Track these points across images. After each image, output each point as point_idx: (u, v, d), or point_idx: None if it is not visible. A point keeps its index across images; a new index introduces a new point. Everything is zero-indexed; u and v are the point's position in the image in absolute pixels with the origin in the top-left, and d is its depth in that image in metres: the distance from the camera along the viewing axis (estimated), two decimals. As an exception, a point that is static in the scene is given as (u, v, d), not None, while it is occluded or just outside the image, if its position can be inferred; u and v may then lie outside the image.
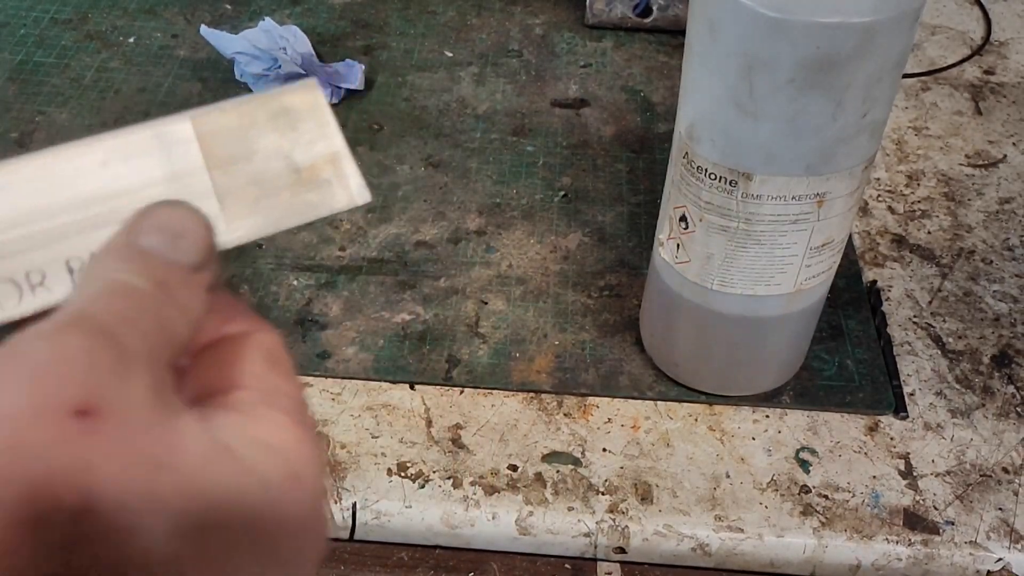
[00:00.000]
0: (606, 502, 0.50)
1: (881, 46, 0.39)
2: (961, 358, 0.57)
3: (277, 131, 0.24)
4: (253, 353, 0.22)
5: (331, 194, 0.24)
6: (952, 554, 0.48)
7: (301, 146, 0.24)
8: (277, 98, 0.24)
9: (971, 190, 0.69)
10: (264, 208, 0.23)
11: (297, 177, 0.24)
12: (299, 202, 0.24)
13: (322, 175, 0.24)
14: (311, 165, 0.24)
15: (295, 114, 0.24)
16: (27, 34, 0.79)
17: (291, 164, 0.24)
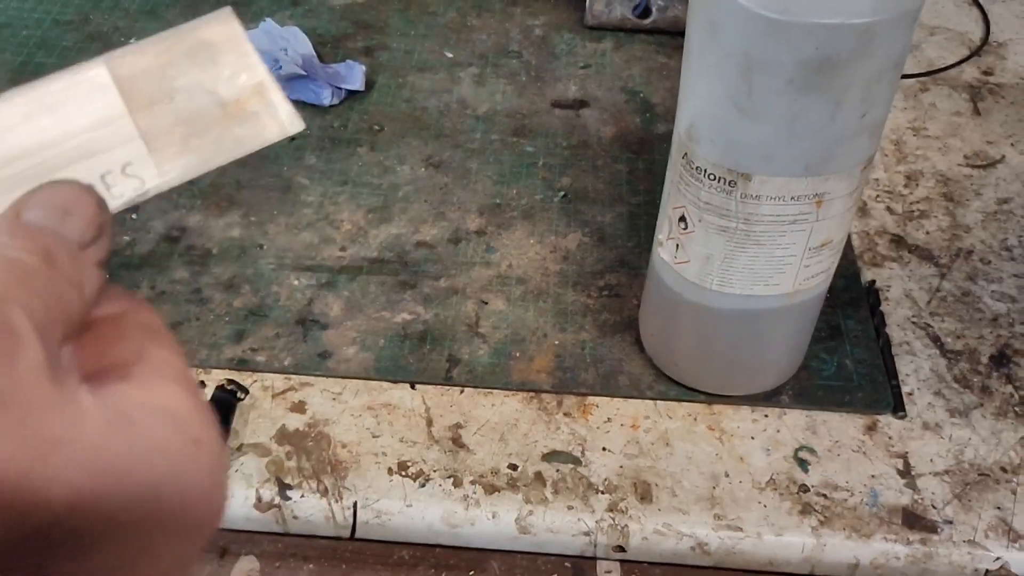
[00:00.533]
0: (606, 501, 0.50)
1: (880, 47, 0.39)
2: (959, 358, 0.58)
3: (197, 66, 0.23)
4: (133, 330, 0.22)
5: (261, 126, 0.24)
6: (950, 553, 0.49)
7: (224, 80, 0.23)
8: (193, 32, 0.24)
9: (969, 190, 0.69)
10: (194, 147, 0.23)
11: (224, 112, 0.23)
12: (229, 137, 0.23)
13: (249, 107, 0.23)
14: (237, 98, 0.23)
15: (214, 47, 0.23)
16: (29, 35, 0.79)
17: (216, 99, 0.23)
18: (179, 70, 0.23)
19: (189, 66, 0.23)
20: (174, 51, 0.23)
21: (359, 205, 0.66)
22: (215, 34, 0.24)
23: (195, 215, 0.64)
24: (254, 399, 0.54)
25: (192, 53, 0.23)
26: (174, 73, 0.23)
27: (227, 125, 0.23)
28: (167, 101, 0.23)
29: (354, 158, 0.70)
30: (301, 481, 0.50)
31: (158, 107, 0.23)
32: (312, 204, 0.66)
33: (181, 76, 0.23)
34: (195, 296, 0.59)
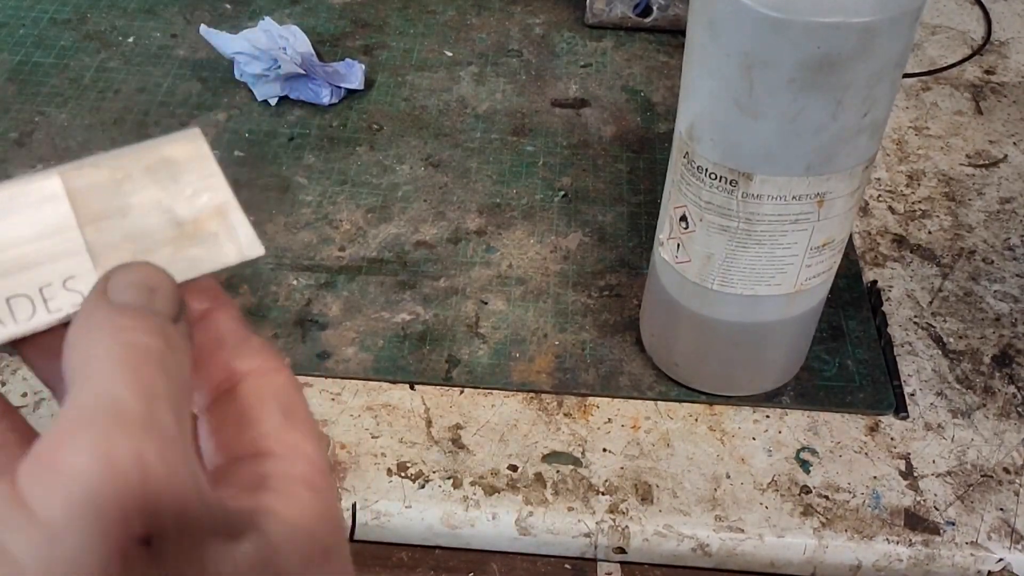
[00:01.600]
0: (606, 502, 0.50)
1: (881, 46, 0.39)
2: (962, 358, 0.57)
3: (156, 183, 0.23)
4: (269, 405, 0.22)
5: (218, 248, 0.23)
6: (953, 554, 0.48)
7: (183, 199, 0.23)
8: (155, 149, 0.23)
9: (972, 190, 0.69)
10: None
11: (179, 231, 0.23)
12: (182, 258, 0.23)
13: (208, 228, 0.23)
14: (195, 219, 0.23)
15: (176, 165, 0.23)
16: (26, 34, 0.79)
17: (172, 218, 0.23)
18: (137, 185, 0.23)
19: (148, 183, 0.23)
20: (134, 166, 0.23)
21: (358, 205, 0.66)
22: (180, 152, 0.23)
23: (194, 215, 0.64)
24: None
25: (153, 170, 0.23)
26: (130, 188, 0.22)
27: (181, 245, 0.23)
28: (120, 217, 0.22)
29: (353, 157, 0.69)
30: (300, 482, 0.50)
31: (109, 222, 0.22)
32: (311, 204, 0.65)
33: (138, 192, 0.23)
34: (193, 296, 0.59)
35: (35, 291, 0.21)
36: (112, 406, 0.18)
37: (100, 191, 0.22)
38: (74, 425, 0.18)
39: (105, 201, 0.22)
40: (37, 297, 0.21)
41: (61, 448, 0.18)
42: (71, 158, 0.23)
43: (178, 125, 0.71)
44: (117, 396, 0.18)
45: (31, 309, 0.21)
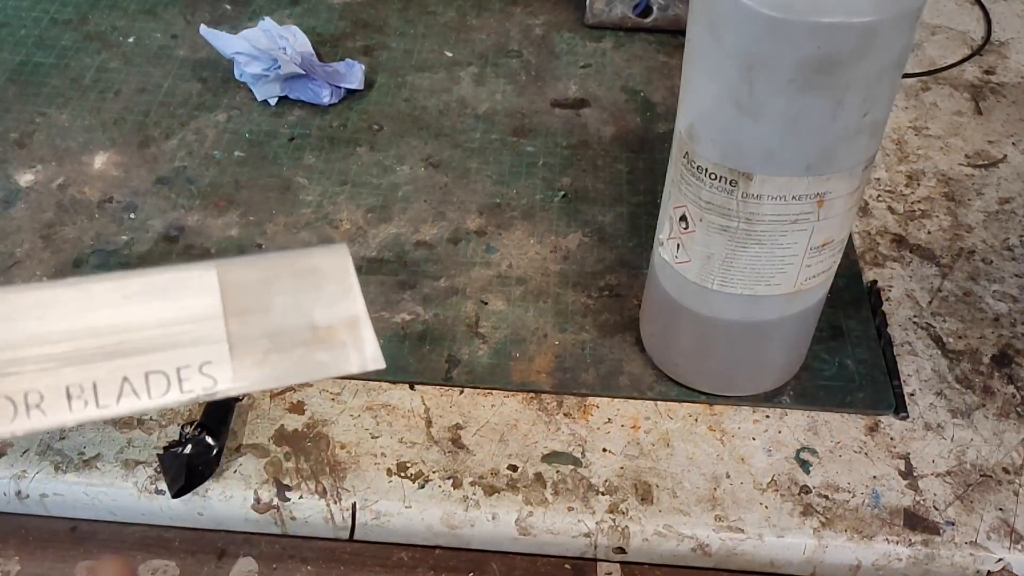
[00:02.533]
0: (606, 502, 0.50)
1: (881, 46, 0.39)
2: (961, 358, 0.57)
3: (300, 289, 0.24)
4: None
5: (344, 357, 0.24)
6: (952, 554, 0.48)
7: (321, 306, 0.24)
8: (305, 257, 0.25)
9: (971, 190, 0.69)
10: (273, 361, 0.24)
11: (313, 335, 0.24)
12: (311, 360, 0.24)
13: (338, 337, 0.24)
14: (328, 326, 0.24)
15: (320, 274, 0.24)
16: (27, 34, 0.79)
17: (309, 322, 0.24)
18: (282, 287, 0.24)
19: (293, 286, 0.24)
20: (283, 270, 0.24)
21: (358, 205, 0.66)
22: (325, 263, 0.25)
23: (194, 214, 0.64)
24: (252, 400, 0.54)
25: (299, 275, 0.24)
26: (277, 289, 0.24)
27: (312, 348, 0.24)
28: (262, 313, 0.24)
29: (353, 157, 0.69)
30: (300, 482, 0.50)
31: (252, 317, 0.24)
32: (311, 204, 0.66)
33: (282, 294, 0.24)
34: (194, 296, 0.59)
35: (173, 370, 0.23)
36: None
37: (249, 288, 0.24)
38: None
39: (252, 298, 0.24)
40: (174, 376, 0.23)
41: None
42: (71, 158, 0.24)
43: (178, 125, 0.71)
44: None
45: (165, 387, 0.23)
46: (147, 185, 0.66)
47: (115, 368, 0.22)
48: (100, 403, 0.22)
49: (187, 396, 0.23)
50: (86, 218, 0.64)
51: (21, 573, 0.51)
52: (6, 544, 0.52)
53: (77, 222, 0.64)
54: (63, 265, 0.61)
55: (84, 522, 0.52)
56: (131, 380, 0.22)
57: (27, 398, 0.22)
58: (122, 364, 0.22)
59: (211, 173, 0.67)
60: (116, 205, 0.65)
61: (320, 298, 0.24)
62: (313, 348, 0.24)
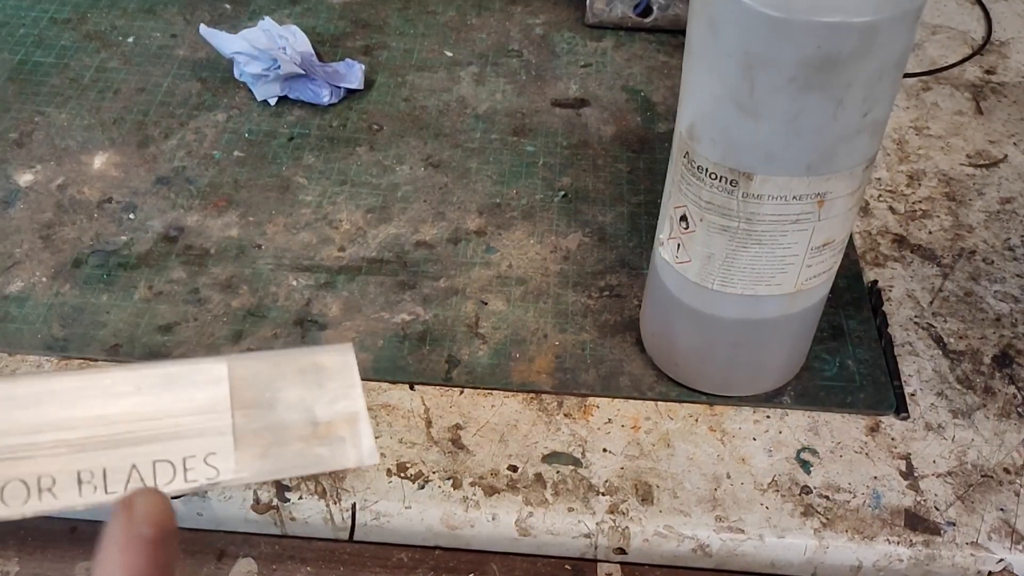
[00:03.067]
0: (606, 503, 0.50)
1: (882, 45, 0.39)
2: (962, 358, 0.57)
3: (304, 385, 0.25)
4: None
5: (342, 452, 0.25)
6: (953, 555, 0.48)
7: (324, 402, 0.25)
8: (311, 355, 0.25)
9: (972, 190, 0.69)
10: (274, 454, 0.25)
11: (313, 430, 0.25)
12: (310, 454, 0.25)
13: (337, 432, 0.25)
14: (329, 422, 0.25)
15: (325, 372, 0.25)
16: (26, 34, 0.79)
17: (310, 417, 0.25)
18: (287, 383, 0.25)
19: (298, 382, 0.25)
20: (289, 366, 0.25)
21: (358, 205, 0.65)
22: (330, 361, 0.26)
23: (193, 215, 0.64)
24: (252, 400, 0.53)
25: (304, 371, 0.25)
26: (282, 385, 0.25)
27: (311, 443, 0.25)
28: (267, 408, 0.25)
29: (353, 157, 0.69)
30: (299, 482, 0.50)
31: (257, 411, 0.25)
32: (311, 204, 0.65)
33: (288, 389, 0.25)
34: (193, 296, 0.59)
35: (179, 459, 0.24)
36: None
37: (256, 382, 0.25)
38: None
39: (258, 392, 0.25)
40: (179, 465, 0.24)
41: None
42: (71, 158, 0.24)
43: (178, 125, 0.71)
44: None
45: (171, 475, 0.24)
46: (146, 185, 0.66)
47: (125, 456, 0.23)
48: (108, 489, 0.23)
49: (190, 485, 0.24)
50: (85, 218, 0.64)
51: (20, 574, 0.50)
52: (6, 544, 0.52)
53: (76, 222, 0.64)
54: (62, 265, 0.61)
55: (84, 523, 0.52)
56: (139, 468, 0.23)
57: (40, 482, 0.23)
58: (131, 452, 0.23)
59: (210, 173, 0.67)
60: (115, 205, 0.65)
61: (323, 395, 0.25)
62: (312, 443, 0.25)
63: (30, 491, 0.22)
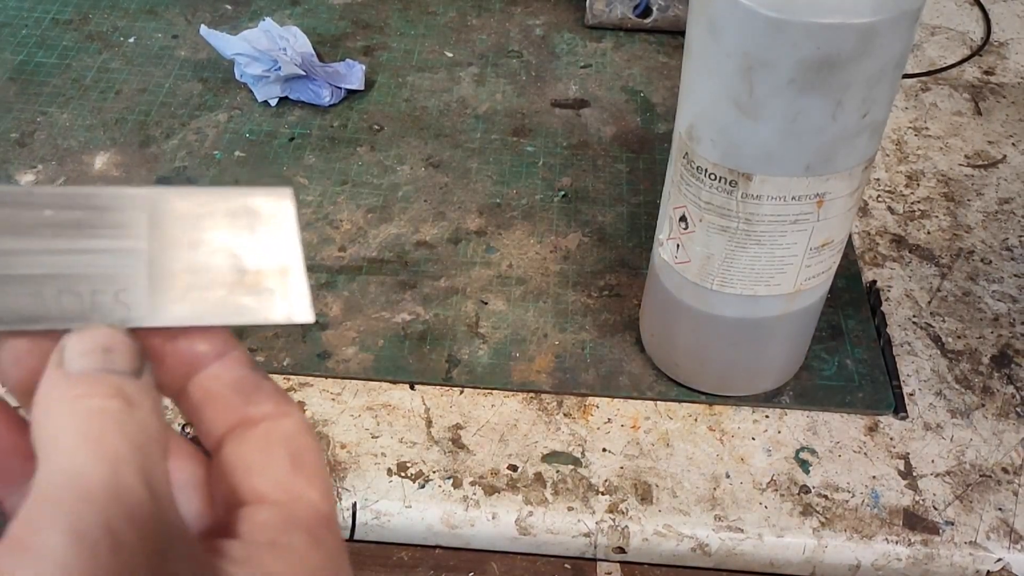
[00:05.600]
0: (606, 502, 0.50)
1: (881, 46, 0.39)
2: (961, 358, 0.57)
3: (233, 228, 0.23)
4: (276, 451, 0.22)
5: (270, 304, 0.23)
6: (952, 554, 0.48)
7: (253, 249, 0.23)
8: (243, 196, 0.23)
9: (970, 190, 0.69)
10: (192, 299, 0.23)
11: (239, 279, 0.23)
12: (232, 303, 0.23)
13: (266, 283, 0.23)
14: (258, 271, 0.23)
15: (257, 217, 0.23)
16: (28, 35, 0.79)
17: (236, 264, 0.23)
18: (215, 224, 0.23)
19: (225, 225, 0.23)
20: (218, 206, 0.23)
21: (359, 205, 0.66)
22: (265, 206, 0.24)
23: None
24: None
25: (234, 214, 0.23)
26: (208, 225, 0.23)
27: (236, 291, 0.23)
28: (188, 248, 0.23)
29: (354, 158, 0.69)
30: (300, 482, 0.50)
31: (176, 251, 0.23)
32: (311, 204, 0.66)
33: (213, 231, 0.23)
34: (194, 296, 0.59)
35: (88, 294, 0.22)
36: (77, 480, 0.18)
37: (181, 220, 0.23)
38: (43, 504, 0.18)
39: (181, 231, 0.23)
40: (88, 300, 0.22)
41: (33, 529, 0.18)
42: (72, 159, 0.23)
43: (179, 126, 0.71)
44: (80, 469, 0.19)
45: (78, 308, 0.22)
46: (148, 185, 0.67)
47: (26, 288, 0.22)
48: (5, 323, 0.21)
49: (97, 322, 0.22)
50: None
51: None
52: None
53: (78, 222, 0.64)
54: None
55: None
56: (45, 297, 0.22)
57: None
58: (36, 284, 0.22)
59: (211, 173, 0.67)
60: (117, 205, 0.65)
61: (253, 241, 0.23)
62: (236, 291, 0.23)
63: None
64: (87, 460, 0.19)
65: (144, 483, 0.19)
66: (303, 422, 0.23)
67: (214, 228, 0.23)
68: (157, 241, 0.23)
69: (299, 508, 0.22)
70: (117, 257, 0.22)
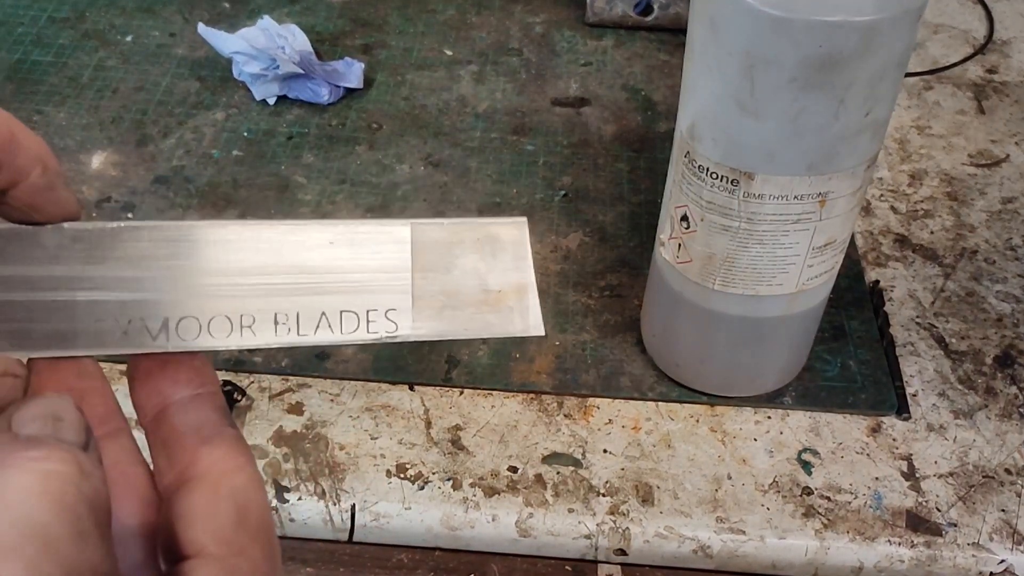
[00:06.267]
0: (607, 504, 0.49)
1: (883, 45, 0.38)
2: (964, 359, 0.57)
3: (479, 254, 0.27)
4: (223, 505, 0.22)
5: (510, 320, 0.27)
6: (955, 556, 0.48)
7: (496, 272, 0.27)
8: (488, 227, 0.27)
9: (974, 189, 0.69)
10: (447, 316, 0.26)
11: (484, 298, 0.26)
12: (479, 319, 0.26)
13: (506, 302, 0.27)
14: (500, 291, 0.27)
15: (499, 243, 0.27)
16: (25, 32, 0.79)
17: (483, 285, 0.27)
18: (464, 251, 0.27)
19: (473, 251, 0.27)
20: (467, 235, 0.27)
21: (357, 204, 0.65)
22: (505, 233, 0.27)
23: (192, 214, 0.64)
24: (251, 401, 0.53)
25: (480, 241, 0.27)
26: (459, 252, 0.27)
27: (482, 309, 0.26)
28: (444, 272, 0.26)
29: (352, 156, 0.69)
30: (299, 483, 0.50)
31: (434, 274, 0.26)
32: (310, 203, 0.65)
33: (464, 256, 0.27)
34: (192, 296, 0.59)
35: (363, 312, 0.26)
36: (38, 531, 0.18)
37: (436, 248, 0.26)
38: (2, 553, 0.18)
39: (437, 256, 0.26)
40: (363, 317, 0.26)
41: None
42: (69, 158, 0.24)
43: (176, 124, 0.71)
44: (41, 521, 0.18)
45: (355, 325, 0.26)
46: (145, 184, 0.66)
47: (316, 303, 0.25)
48: (300, 332, 0.25)
49: (372, 336, 0.26)
50: (84, 217, 0.64)
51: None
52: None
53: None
54: (61, 265, 0.60)
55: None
56: (328, 315, 0.25)
57: (241, 319, 0.25)
58: (321, 300, 0.25)
59: (209, 172, 0.67)
60: (114, 204, 0.65)
61: (496, 265, 0.27)
62: (483, 308, 0.26)
63: (232, 326, 0.25)
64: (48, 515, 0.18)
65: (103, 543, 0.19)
66: (255, 478, 0.24)
67: (464, 254, 0.27)
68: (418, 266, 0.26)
69: (240, 564, 0.22)
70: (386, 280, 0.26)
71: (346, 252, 0.26)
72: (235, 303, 0.25)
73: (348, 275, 0.26)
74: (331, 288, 0.25)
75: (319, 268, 0.26)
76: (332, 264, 0.26)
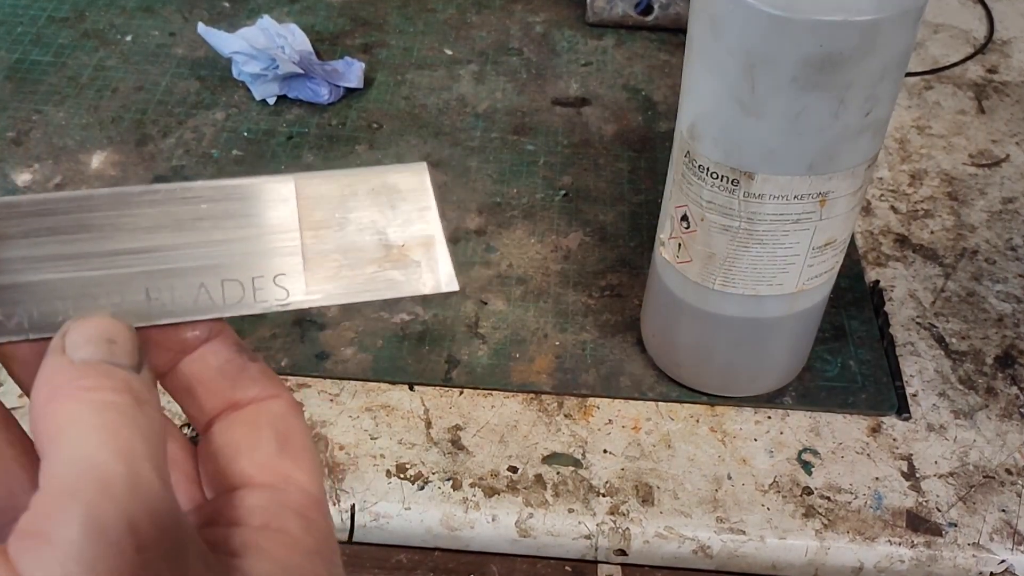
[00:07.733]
0: (607, 504, 0.49)
1: (884, 44, 0.38)
2: (964, 359, 0.57)
3: (376, 206, 0.24)
4: (263, 433, 0.22)
5: (417, 276, 0.24)
6: (955, 556, 0.48)
7: (396, 224, 0.24)
8: (383, 174, 0.25)
9: (974, 189, 0.69)
10: (345, 277, 0.24)
11: (386, 254, 0.24)
12: (382, 278, 0.24)
13: (412, 256, 0.24)
14: (402, 244, 0.24)
15: (398, 192, 0.25)
16: (24, 32, 0.79)
17: (382, 240, 0.24)
18: (358, 203, 0.24)
19: (369, 203, 0.24)
20: (360, 186, 0.24)
21: (357, 204, 0.65)
22: (403, 181, 0.25)
23: (192, 214, 0.64)
24: (251, 400, 0.53)
25: (375, 193, 0.25)
26: (353, 205, 0.24)
27: (384, 266, 0.24)
28: (337, 228, 0.24)
29: (352, 156, 0.69)
30: (298, 484, 0.49)
31: (326, 232, 0.24)
32: (310, 203, 0.65)
33: (358, 210, 0.24)
34: (192, 296, 0.59)
35: (248, 280, 0.23)
36: (94, 472, 0.18)
37: (325, 202, 0.24)
38: (60, 495, 0.18)
39: (328, 212, 0.24)
40: (248, 285, 0.23)
41: (50, 520, 0.17)
42: (68, 157, 0.23)
43: (176, 124, 0.71)
44: (97, 461, 0.18)
45: (240, 295, 0.23)
46: (145, 184, 0.66)
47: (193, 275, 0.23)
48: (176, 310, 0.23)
49: (261, 306, 0.23)
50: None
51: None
52: (3, 546, 0.51)
53: (75, 221, 0.63)
54: (60, 265, 0.60)
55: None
56: (208, 288, 0.23)
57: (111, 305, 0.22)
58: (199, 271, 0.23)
59: (209, 172, 0.67)
60: (114, 204, 0.64)
61: (396, 216, 0.24)
62: (385, 266, 0.24)
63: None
64: (103, 453, 0.18)
65: (161, 480, 0.19)
66: (291, 403, 0.23)
67: (358, 208, 0.24)
68: (307, 224, 0.24)
69: (288, 491, 0.22)
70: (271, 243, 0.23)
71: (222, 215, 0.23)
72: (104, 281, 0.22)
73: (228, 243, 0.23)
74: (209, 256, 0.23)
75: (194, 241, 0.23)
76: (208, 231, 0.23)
